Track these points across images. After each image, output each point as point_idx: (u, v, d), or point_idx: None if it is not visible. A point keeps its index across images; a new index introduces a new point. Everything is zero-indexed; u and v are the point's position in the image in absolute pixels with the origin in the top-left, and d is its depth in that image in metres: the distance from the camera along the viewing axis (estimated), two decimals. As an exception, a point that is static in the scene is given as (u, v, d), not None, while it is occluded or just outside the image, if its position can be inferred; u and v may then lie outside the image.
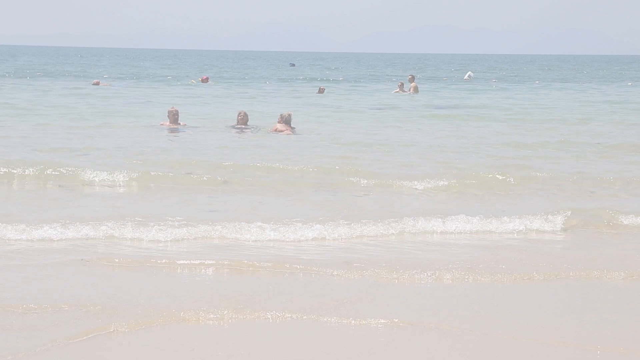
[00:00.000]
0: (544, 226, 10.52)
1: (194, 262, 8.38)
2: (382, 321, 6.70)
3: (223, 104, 31.07)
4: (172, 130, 20.00)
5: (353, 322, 6.69)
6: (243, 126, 20.40)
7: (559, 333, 6.60)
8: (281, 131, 19.75)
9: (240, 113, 20.85)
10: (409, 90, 38.88)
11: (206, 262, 8.37)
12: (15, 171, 13.47)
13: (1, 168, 13.58)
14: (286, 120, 20.11)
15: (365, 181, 13.52)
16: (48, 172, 13.43)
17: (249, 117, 20.76)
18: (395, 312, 6.96)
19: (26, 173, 13.41)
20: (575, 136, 21.18)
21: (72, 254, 8.66)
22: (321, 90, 37.06)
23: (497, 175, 14.10)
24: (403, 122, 24.57)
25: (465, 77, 65.27)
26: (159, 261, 8.41)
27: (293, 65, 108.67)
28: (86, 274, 8.05)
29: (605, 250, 9.67)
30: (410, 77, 43.20)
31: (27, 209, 11.12)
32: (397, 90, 39.73)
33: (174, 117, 20.41)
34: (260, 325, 6.64)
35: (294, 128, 20.16)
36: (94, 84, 43.58)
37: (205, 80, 49.78)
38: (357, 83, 55.10)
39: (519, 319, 6.96)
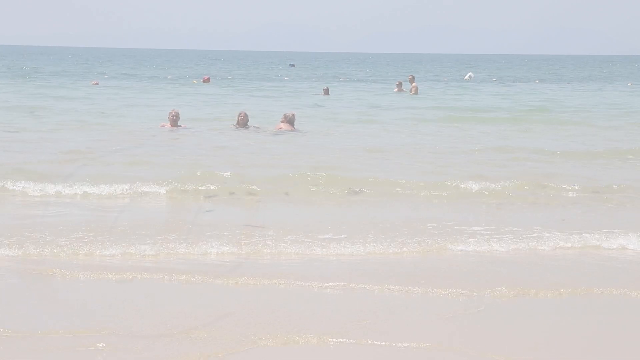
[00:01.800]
0: None
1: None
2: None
3: (223, 104, 30.95)
4: (172, 132, 19.89)
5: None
6: (243, 127, 20.30)
7: None
8: (285, 131, 19.67)
9: (240, 114, 20.76)
10: (410, 91, 38.74)
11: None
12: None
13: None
14: (290, 120, 19.98)
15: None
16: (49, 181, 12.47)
17: (249, 117, 20.66)
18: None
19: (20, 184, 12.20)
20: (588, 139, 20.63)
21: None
22: (326, 91, 37.06)
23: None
24: (405, 123, 24.42)
25: (466, 77, 65.15)
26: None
27: (293, 65, 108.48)
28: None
29: None
30: (410, 77, 43.08)
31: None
32: (396, 89, 39.65)
33: (173, 119, 20.26)
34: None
35: (297, 129, 20.05)
36: (93, 84, 43.51)
37: (206, 81, 49.69)
38: (360, 83, 54.99)
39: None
